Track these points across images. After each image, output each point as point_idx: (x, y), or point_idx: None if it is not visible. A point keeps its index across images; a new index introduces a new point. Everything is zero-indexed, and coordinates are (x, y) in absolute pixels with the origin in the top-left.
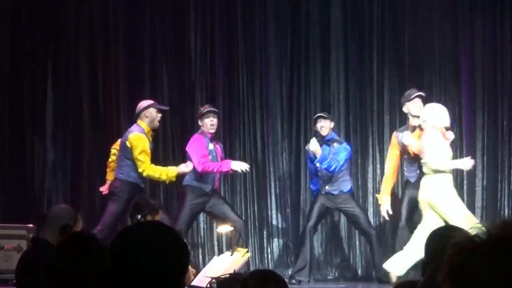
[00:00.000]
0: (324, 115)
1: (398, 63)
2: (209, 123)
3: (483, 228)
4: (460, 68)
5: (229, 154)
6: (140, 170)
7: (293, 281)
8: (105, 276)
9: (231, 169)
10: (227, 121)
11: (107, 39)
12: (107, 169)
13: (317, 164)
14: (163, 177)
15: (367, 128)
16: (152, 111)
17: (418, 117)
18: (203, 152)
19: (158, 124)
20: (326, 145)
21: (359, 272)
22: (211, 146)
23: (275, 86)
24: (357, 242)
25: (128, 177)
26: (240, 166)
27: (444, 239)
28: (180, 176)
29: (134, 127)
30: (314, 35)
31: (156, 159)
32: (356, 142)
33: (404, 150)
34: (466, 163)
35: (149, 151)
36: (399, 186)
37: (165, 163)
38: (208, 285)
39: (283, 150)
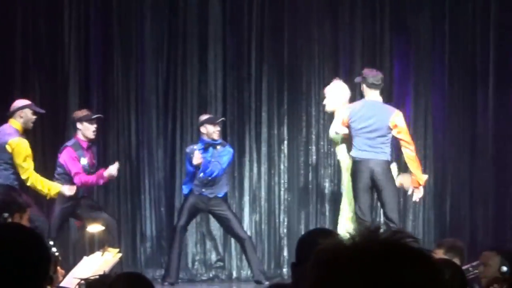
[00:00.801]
0: (224, 119)
1: (277, 60)
2: (92, 129)
3: (349, 234)
4: (340, 66)
5: (103, 151)
6: (23, 177)
7: (166, 282)
8: None
9: (108, 178)
10: (98, 122)
11: None
12: None
13: (201, 174)
14: (45, 191)
15: (245, 125)
16: (28, 112)
17: None
18: (77, 166)
19: (31, 125)
20: (211, 147)
21: (234, 273)
22: (83, 160)
23: (151, 82)
24: (232, 243)
25: (6, 180)
26: (113, 171)
27: (314, 241)
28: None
29: (7, 127)
30: (192, 30)
31: None
32: (233, 140)
33: None
34: None
35: (31, 157)
36: None
37: (35, 161)
38: (77, 287)
39: (158, 147)
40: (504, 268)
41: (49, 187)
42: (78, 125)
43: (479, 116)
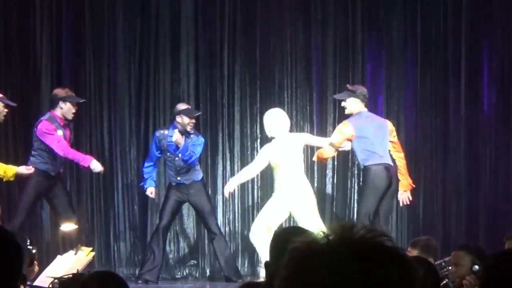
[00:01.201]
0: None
1: (249, 58)
2: (73, 111)
3: (323, 232)
4: (312, 64)
5: (76, 149)
6: None
7: (140, 281)
8: None
9: (89, 166)
10: (77, 108)
11: None
12: None
13: (179, 155)
14: (1, 174)
15: (217, 123)
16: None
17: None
18: (57, 136)
19: (3, 118)
20: (185, 137)
21: (208, 271)
22: (60, 132)
23: (123, 81)
24: (206, 241)
25: None
26: (98, 167)
27: (288, 240)
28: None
29: None
30: (164, 28)
31: None
32: (206, 138)
33: None
34: None
35: None
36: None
37: (7, 153)
38: (51, 285)
39: (131, 145)
40: (476, 267)
41: (5, 169)
42: (61, 104)
43: (451, 113)
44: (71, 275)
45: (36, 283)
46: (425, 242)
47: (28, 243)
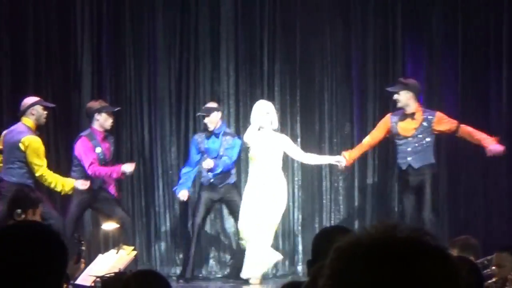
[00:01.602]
0: (203, 113)
1: (289, 56)
2: (110, 120)
3: (367, 231)
4: (351, 64)
5: (116, 149)
6: (37, 174)
7: (181, 280)
8: None
9: (123, 172)
10: (114, 115)
11: None
12: None
13: (210, 175)
14: (59, 188)
15: None
16: (38, 108)
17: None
18: (92, 156)
19: (44, 121)
20: (215, 138)
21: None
22: (98, 149)
23: (163, 80)
24: (233, 241)
25: (20, 179)
26: (129, 168)
27: (331, 239)
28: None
29: (20, 126)
30: (203, 27)
31: None
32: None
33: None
34: None
35: (44, 154)
36: None
37: (49, 158)
38: (93, 284)
39: (171, 145)
40: None
41: (63, 183)
42: (97, 116)
43: (492, 112)
44: (113, 274)
45: (78, 281)
46: (464, 241)
47: (76, 240)
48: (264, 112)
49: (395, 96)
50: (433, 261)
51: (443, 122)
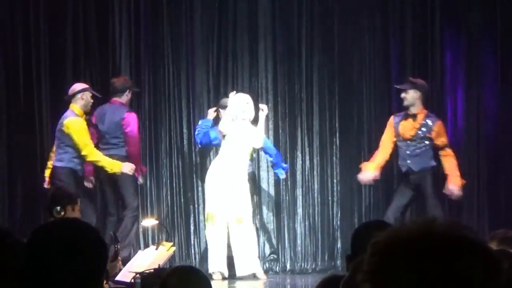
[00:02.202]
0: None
1: (327, 51)
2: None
3: (405, 226)
4: (390, 56)
5: (155, 145)
6: (84, 153)
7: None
8: (19, 272)
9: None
10: (152, 111)
11: (27, 24)
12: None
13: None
14: (107, 167)
15: (296, 118)
16: (88, 95)
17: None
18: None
19: (90, 108)
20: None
21: (288, 265)
22: None
23: (201, 76)
24: (286, 235)
25: (68, 163)
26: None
27: (370, 234)
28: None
29: (67, 112)
30: (241, 23)
31: None
32: (285, 132)
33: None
34: None
35: (88, 133)
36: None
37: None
38: (132, 280)
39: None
40: None
41: (110, 164)
42: (127, 93)
43: None
44: (152, 270)
45: (118, 278)
46: (503, 234)
47: (112, 239)
48: (244, 103)
49: (403, 94)
50: (472, 254)
51: (439, 134)
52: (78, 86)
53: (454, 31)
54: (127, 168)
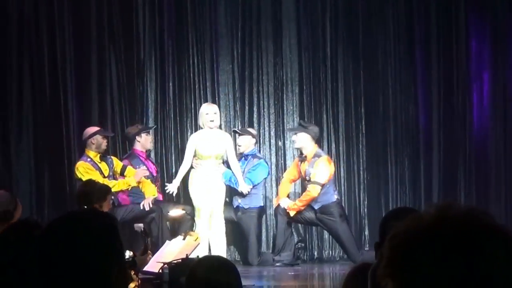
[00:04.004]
0: (238, 131)
1: (352, 39)
2: (150, 140)
3: (421, 216)
4: (415, 47)
5: (180, 136)
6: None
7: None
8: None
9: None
10: (177, 100)
11: (52, 18)
12: None
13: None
14: (124, 187)
15: (322, 106)
16: (98, 138)
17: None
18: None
19: (105, 148)
20: (244, 160)
21: (315, 253)
22: (144, 167)
23: (226, 65)
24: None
25: None
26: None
27: (398, 221)
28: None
29: (81, 157)
30: (265, 11)
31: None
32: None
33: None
34: None
35: (95, 170)
36: None
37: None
38: (160, 271)
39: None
40: None
41: (125, 182)
42: (138, 138)
43: None
44: (180, 260)
45: (146, 268)
46: None
47: (142, 233)
48: (212, 112)
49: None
50: (492, 238)
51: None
52: (89, 130)
53: (479, 16)
54: (140, 174)
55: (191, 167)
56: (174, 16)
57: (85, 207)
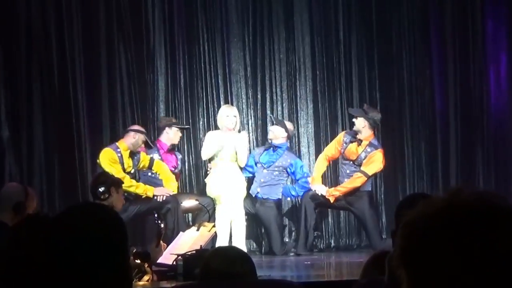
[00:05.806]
0: (273, 119)
1: (365, 23)
2: (178, 135)
3: (431, 202)
4: (430, 29)
5: (192, 123)
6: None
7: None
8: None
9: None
10: (188, 88)
11: (60, 8)
12: None
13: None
14: (141, 192)
15: (335, 91)
16: (141, 138)
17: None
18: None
19: (137, 150)
20: (272, 150)
21: (332, 242)
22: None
23: (238, 52)
24: (329, 212)
25: None
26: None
27: (414, 207)
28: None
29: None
30: None
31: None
32: (324, 106)
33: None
34: None
35: (116, 161)
36: None
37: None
38: (174, 263)
39: (248, 118)
40: None
41: (144, 188)
42: (167, 130)
43: None
44: (194, 251)
45: (160, 260)
46: None
47: (156, 219)
48: (232, 115)
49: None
50: (507, 218)
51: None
52: (135, 126)
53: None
54: (160, 192)
55: (206, 173)
56: (184, 3)
57: (100, 189)
